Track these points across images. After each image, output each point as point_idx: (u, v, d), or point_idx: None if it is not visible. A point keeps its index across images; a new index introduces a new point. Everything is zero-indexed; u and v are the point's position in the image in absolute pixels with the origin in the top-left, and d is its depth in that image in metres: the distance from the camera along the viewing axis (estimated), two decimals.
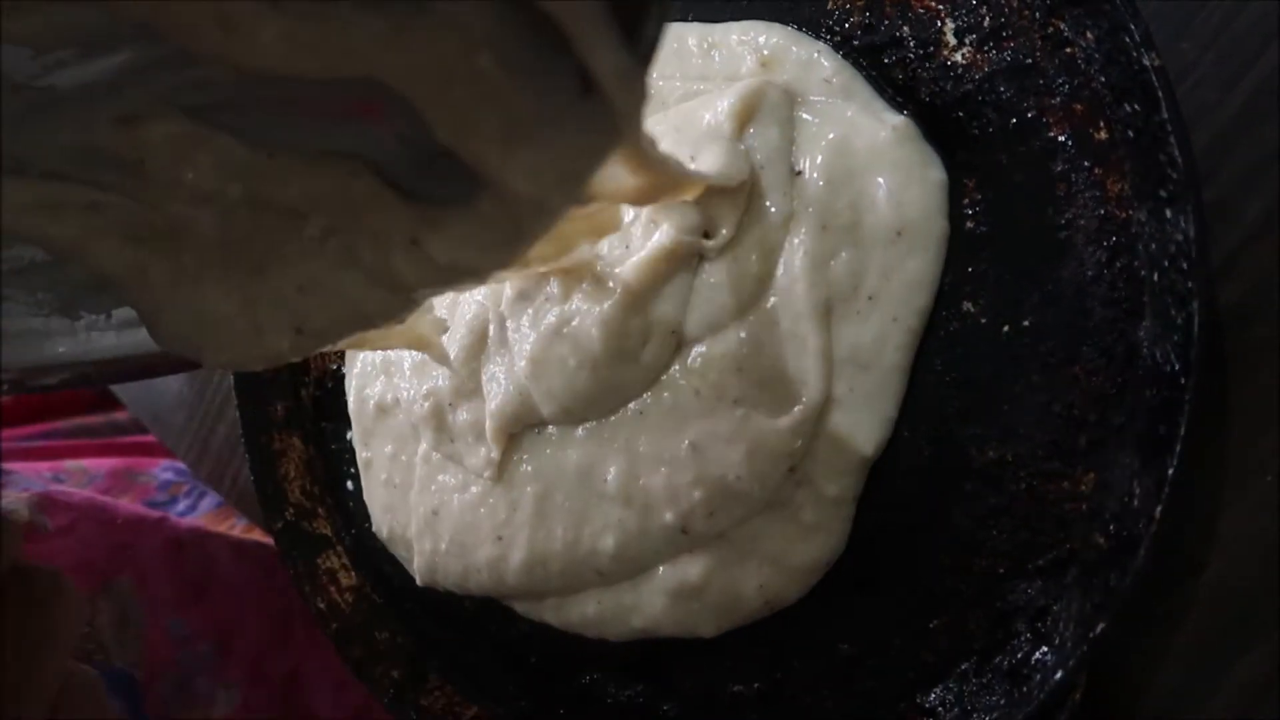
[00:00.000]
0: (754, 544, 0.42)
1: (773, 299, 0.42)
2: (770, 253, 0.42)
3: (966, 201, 0.40)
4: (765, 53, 0.45)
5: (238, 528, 0.69)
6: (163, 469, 0.74)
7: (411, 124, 0.22)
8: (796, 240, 0.42)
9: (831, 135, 0.42)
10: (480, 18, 0.21)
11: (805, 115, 0.43)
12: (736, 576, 0.43)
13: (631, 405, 0.44)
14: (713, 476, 0.42)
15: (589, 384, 0.44)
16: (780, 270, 0.42)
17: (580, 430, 0.46)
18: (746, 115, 0.43)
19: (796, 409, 0.41)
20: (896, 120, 0.41)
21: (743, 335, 0.42)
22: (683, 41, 0.48)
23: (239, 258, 0.26)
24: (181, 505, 0.71)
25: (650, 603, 0.45)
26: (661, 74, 0.48)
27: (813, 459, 0.41)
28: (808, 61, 0.44)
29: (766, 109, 0.43)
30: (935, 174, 0.41)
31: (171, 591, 0.60)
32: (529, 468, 0.47)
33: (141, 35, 0.22)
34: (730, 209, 0.42)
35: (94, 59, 0.23)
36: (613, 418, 0.45)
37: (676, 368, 0.43)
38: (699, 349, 0.43)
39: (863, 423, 0.41)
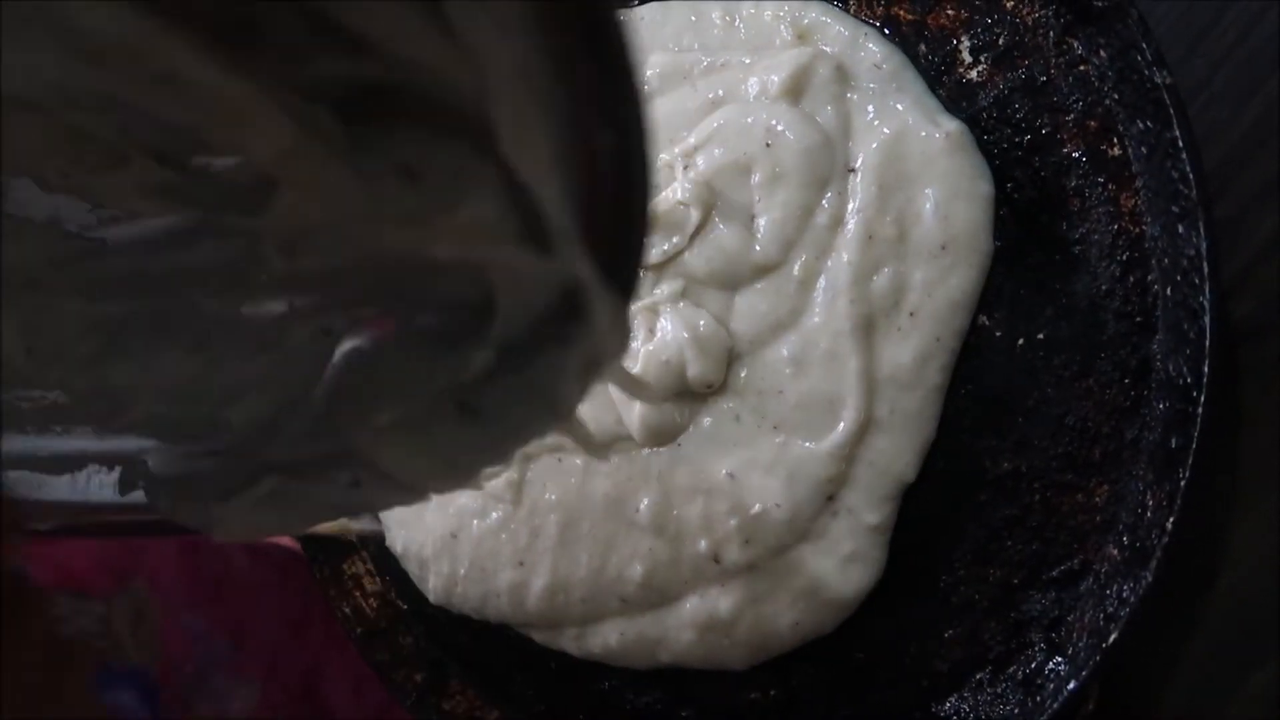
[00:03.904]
0: (788, 577, 0.41)
1: (815, 318, 0.41)
2: (816, 257, 0.41)
3: None
4: (805, 23, 0.44)
5: None
6: None
7: None
8: (841, 248, 0.41)
9: (887, 133, 0.41)
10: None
11: (855, 99, 0.42)
12: (769, 612, 0.42)
13: None
14: (750, 505, 0.41)
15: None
16: (823, 282, 0.41)
17: (610, 461, 0.45)
18: (798, 90, 0.42)
19: (836, 433, 0.40)
20: (951, 126, 0.40)
21: (784, 354, 0.41)
22: (703, 15, 0.47)
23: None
24: None
25: (677, 638, 0.44)
26: (679, 44, 0.47)
27: (852, 486, 0.40)
28: (853, 40, 0.43)
29: (818, 85, 0.42)
30: (984, 187, 0.40)
31: (186, 591, 0.60)
32: (552, 496, 0.46)
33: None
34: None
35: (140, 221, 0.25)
36: (645, 450, 0.44)
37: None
38: (741, 372, 0.42)
39: (904, 446, 0.40)
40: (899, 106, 0.41)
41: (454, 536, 0.50)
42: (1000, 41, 0.41)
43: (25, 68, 0.19)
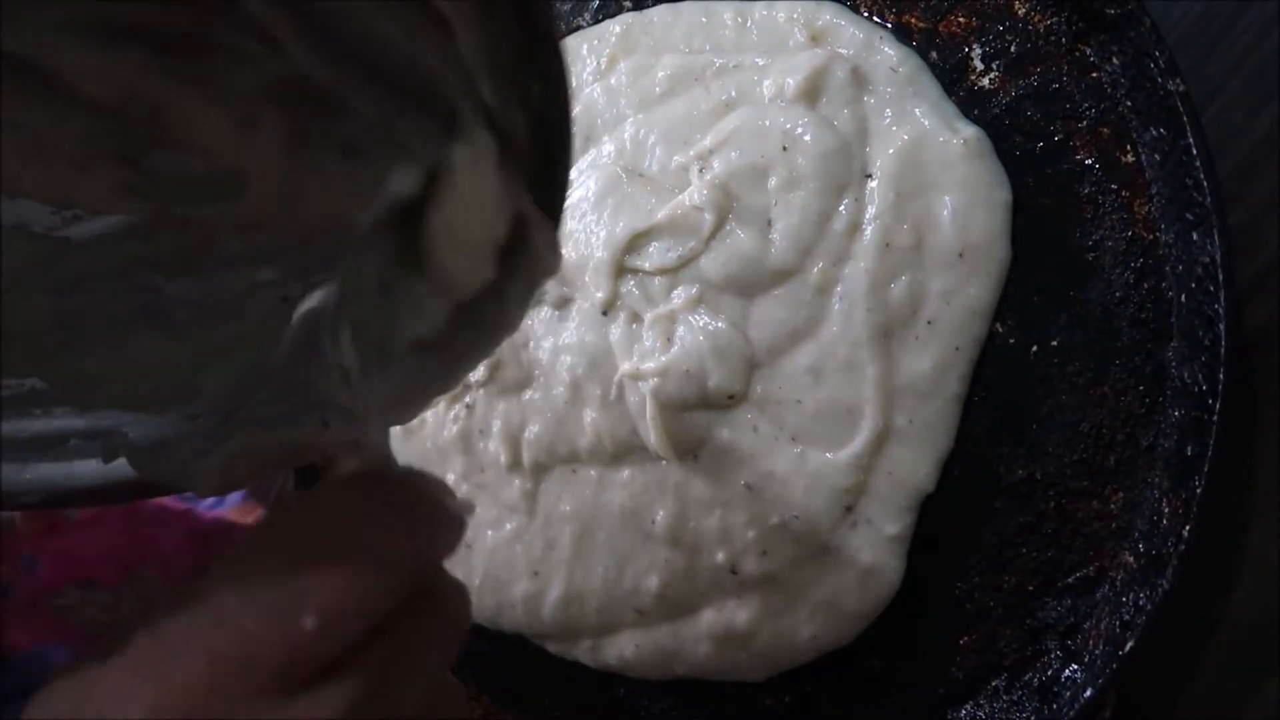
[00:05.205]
0: (806, 589, 0.41)
1: (833, 327, 0.41)
2: (834, 264, 0.41)
3: None
4: (819, 25, 0.44)
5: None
6: None
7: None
8: (858, 255, 0.41)
9: (905, 138, 0.41)
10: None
11: (872, 102, 0.42)
12: (787, 625, 0.42)
13: None
14: (768, 517, 0.41)
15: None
16: (840, 290, 0.41)
17: (625, 473, 0.45)
18: (814, 93, 0.42)
19: (854, 443, 0.40)
20: (969, 132, 0.40)
21: (802, 363, 0.41)
22: (715, 16, 0.47)
23: None
24: (209, 499, 0.73)
25: (694, 650, 0.44)
26: (690, 46, 0.47)
27: (871, 496, 0.40)
28: (868, 43, 0.42)
29: (834, 88, 0.42)
30: (1002, 195, 0.40)
31: (197, 579, 0.61)
32: (567, 507, 0.46)
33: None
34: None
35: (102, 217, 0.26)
36: (663, 461, 0.43)
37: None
38: (758, 385, 0.42)
39: (923, 456, 0.40)
40: (916, 111, 0.41)
41: (468, 547, 0.50)
42: (1012, 49, 0.41)
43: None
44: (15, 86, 0.21)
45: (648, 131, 0.47)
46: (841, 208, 0.41)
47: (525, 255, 0.25)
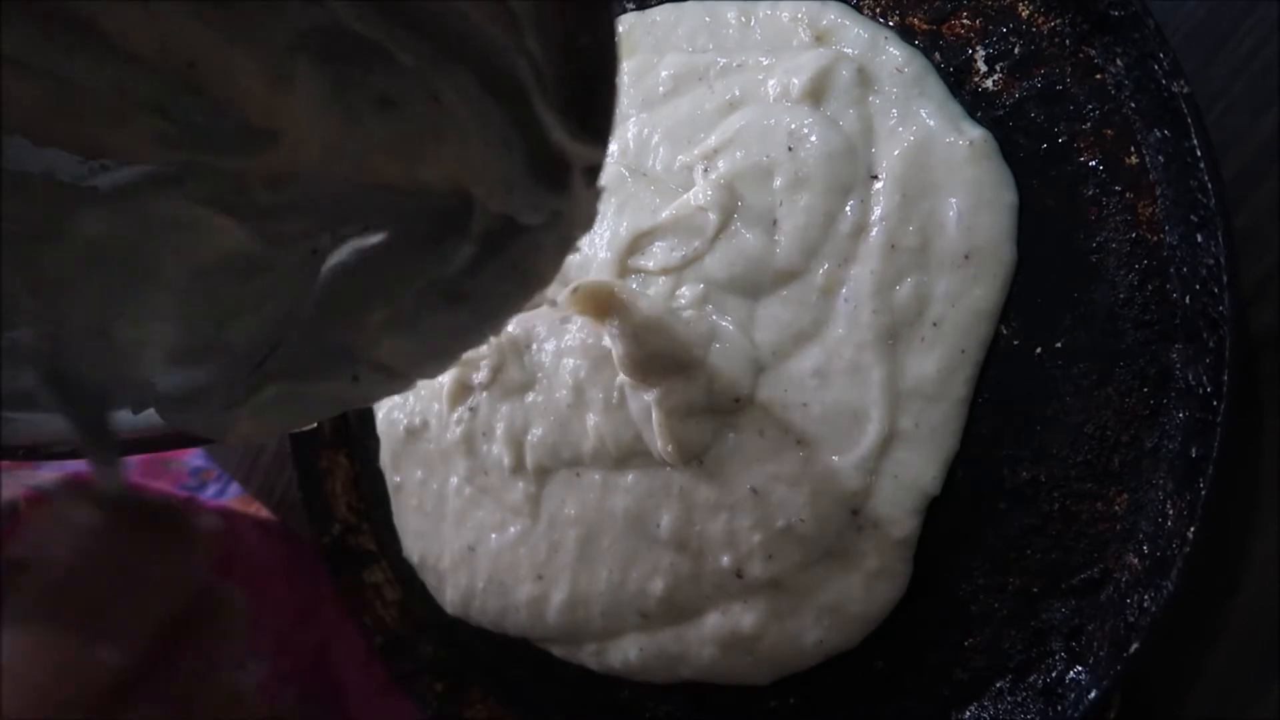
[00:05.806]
0: (812, 593, 0.41)
1: (839, 329, 0.41)
2: (839, 265, 0.41)
3: None
4: (824, 24, 0.43)
5: (265, 509, 0.71)
6: (194, 456, 0.76)
7: None
8: (864, 257, 0.41)
9: (911, 140, 0.40)
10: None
11: (878, 103, 0.42)
12: (792, 628, 0.42)
13: None
14: (774, 521, 0.41)
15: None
16: (845, 291, 0.41)
17: (629, 476, 0.45)
18: (819, 93, 0.42)
19: (860, 446, 0.40)
20: (975, 134, 0.40)
21: (808, 366, 0.41)
22: (718, 16, 0.47)
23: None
24: (211, 490, 0.74)
25: (699, 654, 0.44)
26: (694, 46, 0.47)
27: (877, 499, 0.40)
28: (873, 43, 0.42)
29: (840, 88, 0.42)
30: (1008, 197, 0.40)
31: None
32: (571, 511, 0.46)
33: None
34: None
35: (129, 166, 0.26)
36: (667, 466, 0.43)
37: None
38: (763, 388, 0.42)
39: (929, 459, 0.40)
40: (922, 112, 0.41)
41: (472, 550, 0.50)
42: (1016, 51, 0.41)
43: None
44: (47, 34, 0.21)
45: (651, 131, 0.47)
46: (847, 209, 0.41)
47: (565, 201, 0.25)
